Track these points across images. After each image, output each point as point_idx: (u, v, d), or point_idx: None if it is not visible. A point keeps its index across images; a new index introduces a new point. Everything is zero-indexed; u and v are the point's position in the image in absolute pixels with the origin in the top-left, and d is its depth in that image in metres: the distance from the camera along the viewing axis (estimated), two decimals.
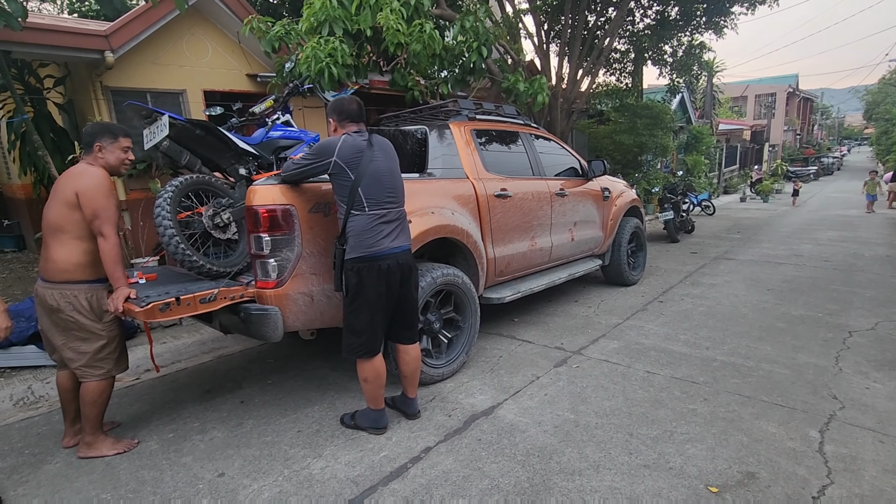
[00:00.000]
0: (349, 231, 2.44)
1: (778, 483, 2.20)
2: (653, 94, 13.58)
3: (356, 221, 2.43)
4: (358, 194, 2.42)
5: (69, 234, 2.36)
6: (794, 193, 15.58)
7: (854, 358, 3.54)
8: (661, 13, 10.31)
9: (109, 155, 2.46)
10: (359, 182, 2.41)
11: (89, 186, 2.32)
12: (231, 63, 6.01)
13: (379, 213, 2.45)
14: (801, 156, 33.65)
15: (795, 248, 7.83)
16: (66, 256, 2.36)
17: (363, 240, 2.42)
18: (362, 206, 2.43)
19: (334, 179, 2.46)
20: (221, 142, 3.07)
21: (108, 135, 2.46)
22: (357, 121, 2.57)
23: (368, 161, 2.45)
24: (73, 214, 2.34)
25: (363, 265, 2.42)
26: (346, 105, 2.56)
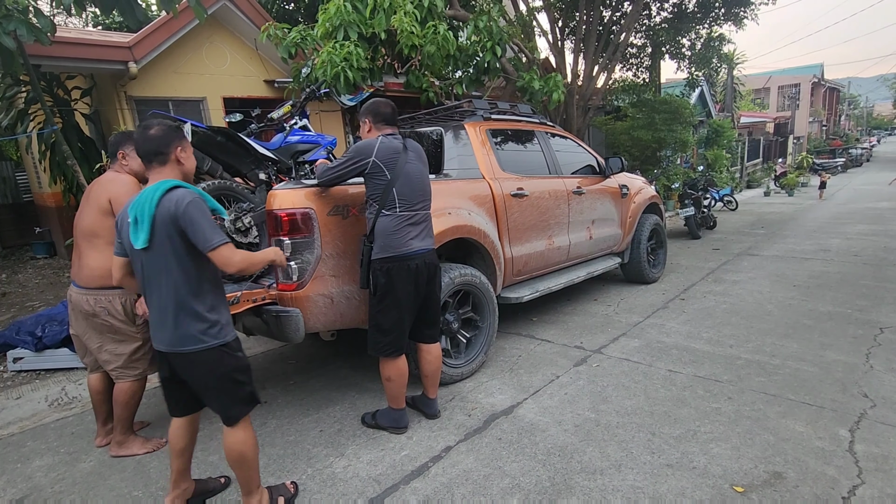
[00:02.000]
0: (378, 231, 2.48)
1: (806, 483, 2.15)
2: (671, 89, 13.36)
3: (385, 221, 2.47)
4: (392, 194, 2.46)
5: (103, 240, 2.44)
6: (821, 186, 15.13)
7: (885, 355, 3.43)
8: (678, 6, 10.14)
9: (133, 161, 2.54)
10: (394, 182, 2.46)
11: (121, 192, 2.41)
12: (249, 70, 6.12)
13: (408, 214, 2.50)
14: (827, 147, 32.64)
15: (823, 243, 7.62)
16: (100, 262, 2.44)
17: (392, 240, 2.47)
18: (394, 206, 2.47)
19: (370, 179, 2.49)
20: (242, 148, 3.14)
21: (131, 142, 2.53)
22: (392, 124, 2.63)
23: (403, 163, 2.50)
24: (107, 220, 2.42)
25: (393, 265, 2.46)
26: (381, 108, 2.61)
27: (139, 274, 1.89)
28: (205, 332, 1.85)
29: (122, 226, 1.90)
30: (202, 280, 1.87)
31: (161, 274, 1.83)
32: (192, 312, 1.84)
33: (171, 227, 1.78)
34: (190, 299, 1.84)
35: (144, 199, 1.80)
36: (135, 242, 1.81)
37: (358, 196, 2.79)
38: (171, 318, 1.83)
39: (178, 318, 1.83)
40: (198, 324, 1.84)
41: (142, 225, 1.79)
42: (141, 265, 1.86)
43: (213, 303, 1.89)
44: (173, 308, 1.82)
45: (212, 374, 1.88)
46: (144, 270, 1.86)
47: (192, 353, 1.85)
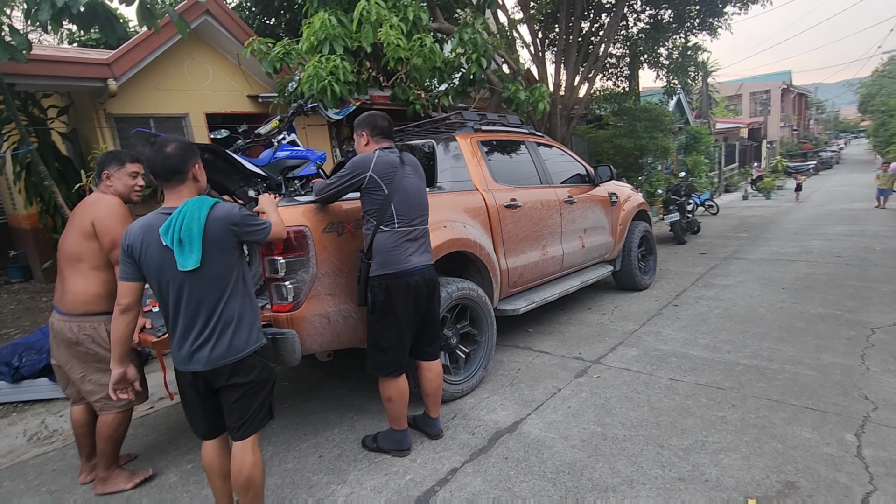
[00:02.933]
0: (376, 247, 2.42)
1: (820, 492, 2.13)
2: (649, 97, 13.61)
3: (383, 238, 2.41)
4: (390, 209, 2.40)
5: (87, 264, 2.33)
6: (797, 189, 15.55)
7: (880, 356, 3.47)
8: (654, 17, 10.37)
9: (117, 182, 2.44)
10: (392, 197, 2.40)
11: (105, 215, 2.30)
12: (232, 85, 6.02)
13: (406, 230, 2.44)
14: (799, 151, 33.64)
15: (805, 245, 7.77)
16: (84, 287, 2.33)
17: (391, 256, 2.40)
18: (392, 222, 2.41)
19: (367, 194, 2.43)
20: (229, 164, 3.05)
21: (115, 162, 2.44)
22: (389, 137, 2.58)
23: (401, 178, 2.44)
24: (90, 244, 2.31)
25: (392, 282, 2.39)
26: (379, 121, 2.56)
27: (173, 297, 1.80)
28: (256, 338, 1.94)
29: (140, 250, 1.80)
30: (250, 286, 1.96)
31: (214, 291, 1.81)
32: (249, 319, 1.91)
33: (230, 239, 1.83)
34: (249, 307, 1.92)
35: (191, 219, 1.76)
36: (184, 264, 1.75)
37: (353, 212, 2.72)
38: (230, 332, 1.83)
39: (238, 329, 1.86)
40: (251, 330, 1.91)
41: (192, 245, 1.75)
42: (180, 288, 1.79)
43: (254, 305, 1.97)
44: (234, 321, 1.84)
45: (258, 376, 1.91)
46: (186, 293, 1.79)
47: (246, 358, 1.87)
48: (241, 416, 1.90)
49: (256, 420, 1.94)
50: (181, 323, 1.82)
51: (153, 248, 1.78)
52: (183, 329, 1.82)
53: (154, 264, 1.78)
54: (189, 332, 1.82)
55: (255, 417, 1.93)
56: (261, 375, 1.93)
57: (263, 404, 1.96)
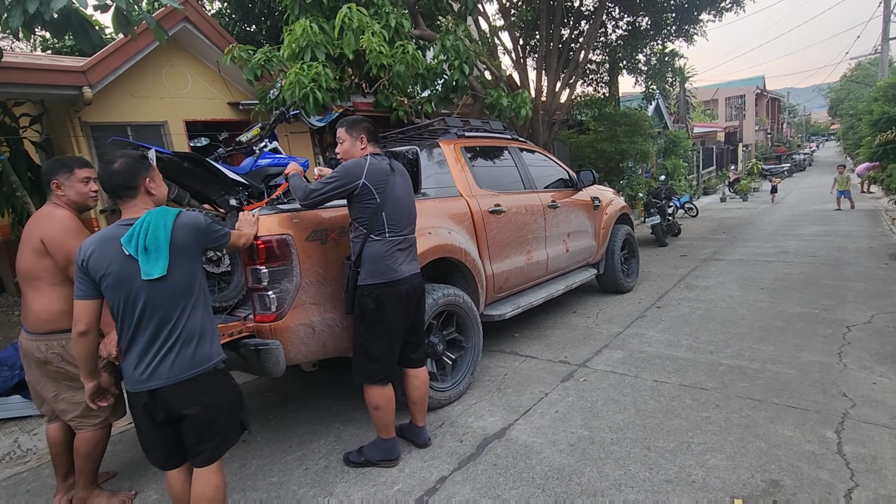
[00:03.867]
0: (366, 256, 2.39)
1: (803, 490, 2.16)
2: (628, 102, 13.84)
3: (374, 247, 2.38)
4: (381, 218, 2.38)
5: (45, 282, 2.24)
6: (773, 190, 15.91)
7: (856, 353, 3.55)
8: (632, 24, 10.57)
9: (69, 190, 2.30)
10: (384, 206, 2.38)
11: (55, 232, 2.19)
12: (212, 92, 5.94)
13: (397, 239, 2.43)
14: (773, 154, 34.52)
15: (781, 245, 7.95)
16: (46, 306, 2.24)
17: (382, 266, 2.38)
18: (383, 231, 2.39)
19: (357, 202, 2.39)
20: (210, 173, 3.00)
21: (63, 169, 2.30)
22: (377, 142, 2.55)
23: (392, 186, 2.42)
24: (44, 261, 2.21)
25: (382, 291, 2.37)
26: (365, 125, 2.53)
27: (133, 310, 1.73)
28: (218, 351, 1.88)
29: (98, 264, 1.72)
30: (207, 297, 1.90)
31: (179, 301, 1.77)
32: (210, 333, 1.86)
33: (195, 247, 1.83)
34: (209, 320, 1.87)
35: (157, 227, 1.73)
36: (149, 272, 1.70)
37: (337, 220, 2.70)
38: (193, 343, 1.79)
39: (202, 341, 1.81)
40: (213, 343, 1.87)
41: (158, 252, 1.72)
42: (142, 299, 1.72)
43: (213, 319, 1.93)
44: (198, 332, 1.80)
45: (221, 395, 1.85)
46: (149, 304, 1.72)
47: (208, 373, 1.80)
48: (205, 439, 1.81)
49: (223, 443, 1.87)
50: (142, 337, 1.74)
51: (113, 260, 1.71)
52: (144, 343, 1.74)
53: (114, 276, 1.71)
54: (151, 346, 1.74)
55: (221, 439, 1.85)
56: (225, 391, 1.86)
57: (230, 424, 1.88)
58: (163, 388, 1.73)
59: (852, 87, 41.75)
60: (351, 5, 4.22)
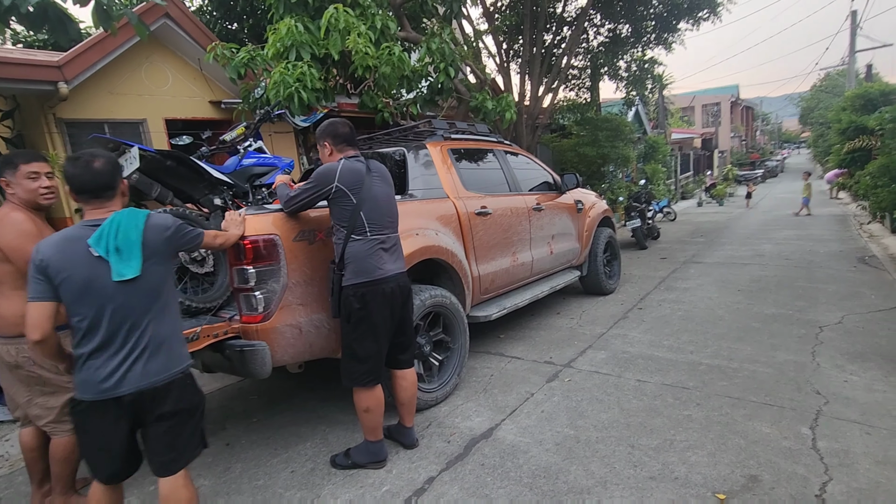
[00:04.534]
0: (348, 256, 2.38)
1: (781, 484, 2.23)
2: (609, 108, 14.07)
3: (356, 246, 2.38)
4: (360, 218, 2.38)
5: (7, 286, 2.16)
6: (748, 196, 16.35)
7: (828, 352, 3.68)
8: (612, 31, 10.76)
9: (17, 188, 2.19)
10: (361, 206, 2.38)
11: (9, 237, 2.11)
12: (193, 90, 5.84)
13: (379, 237, 2.43)
14: (748, 160, 35.51)
15: (757, 249, 8.18)
16: (13, 310, 2.14)
17: (366, 264, 2.38)
18: (364, 230, 2.39)
19: (334, 204, 2.41)
20: (195, 172, 2.95)
21: (8, 167, 2.19)
22: (353, 144, 2.55)
23: (369, 186, 2.42)
24: (3, 266, 2.14)
25: (368, 290, 2.37)
26: (339, 129, 2.53)
27: (101, 314, 1.66)
28: (187, 356, 1.88)
29: (60, 265, 1.64)
30: (175, 300, 1.90)
31: (150, 304, 1.74)
32: (179, 336, 1.87)
33: (166, 249, 1.80)
34: (177, 323, 1.87)
35: (128, 227, 1.70)
36: (122, 273, 1.66)
37: (324, 220, 2.68)
38: (165, 347, 1.76)
39: (172, 345, 1.79)
40: (182, 347, 1.87)
41: (131, 253, 1.68)
42: (112, 302, 1.67)
43: (180, 323, 1.93)
44: (169, 336, 1.79)
45: (191, 399, 1.82)
46: (120, 307, 1.68)
47: (178, 378, 1.78)
48: (173, 446, 1.76)
49: (189, 450, 1.82)
50: (111, 341, 1.67)
51: (79, 262, 1.65)
52: (114, 348, 1.68)
53: (80, 278, 1.64)
54: (120, 351, 1.68)
55: (187, 447, 1.81)
56: (194, 399, 1.83)
57: (195, 432, 1.84)
58: (132, 394, 1.68)
59: (822, 97, 43.22)
60: (337, 6, 4.20)
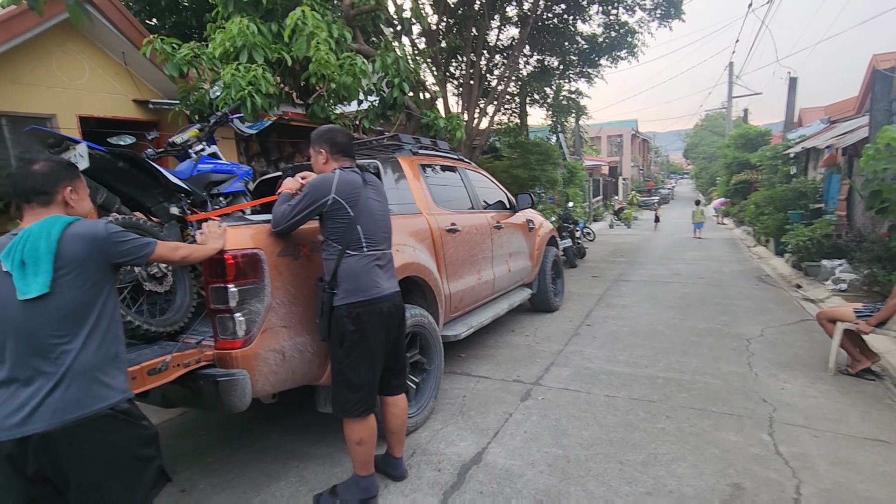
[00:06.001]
0: (342, 274, 2.19)
1: (762, 491, 2.37)
2: (534, 133, 14.83)
3: (351, 263, 2.20)
4: (357, 232, 2.20)
5: None
6: (656, 220, 17.95)
7: (761, 363, 4.06)
8: (541, 62, 11.42)
9: None
10: (358, 219, 2.21)
11: None
12: (114, 86, 5.21)
13: (375, 254, 2.27)
14: (645, 188, 39.22)
15: (673, 268, 8.94)
16: None
17: (361, 283, 2.19)
18: (360, 245, 2.21)
19: (329, 218, 2.22)
20: (149, 176, 2.59)
21: None
22: (349, 155, 2.38)
23: (366, 199, 2.26)
24: None
25: (363, 310, 2.18)
26: (338, 137, 2.35)
27: (6, 337, 1.41)
28: (124, 389, 1.56)
29: None
30: (114, 324, 1.57)
31: (67, 328, 1.45)
32: (114, 368, 1.54)
33: (96, 263, 1.51)
34: (115, 350, 1.56)
35: (37, 237, 1.44)
36: (25, 290, 1.40)
37: (308, 234, 2.47)
38: (86, 381, 1.45)
39: (96, 379, 1.48)
40: (116, 380, 1.54)
41: (37, 267, 1.41)
42: (17, 324, 1.40)
43: (121, 351, 1.60)
44: (93, 368, 1.47)
45: (118, 445, 1.50)
46: (25, 330, 1.40)
47: (100, 418, 1.46)
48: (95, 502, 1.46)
49: (139, 497, 1.54)
50: (16, 371, 1.41)
51: None
52: (22, 379, 1.41)
53: None
54: (29, 383, 1.40)
55: (135, 494, 1.52)
56: (123, 440, 1.51)
57: (132, 480, 1.52)
58: (39, 435, 1.39)
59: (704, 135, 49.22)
60: (304, 8, 3.99)
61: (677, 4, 9.47)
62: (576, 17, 10.53)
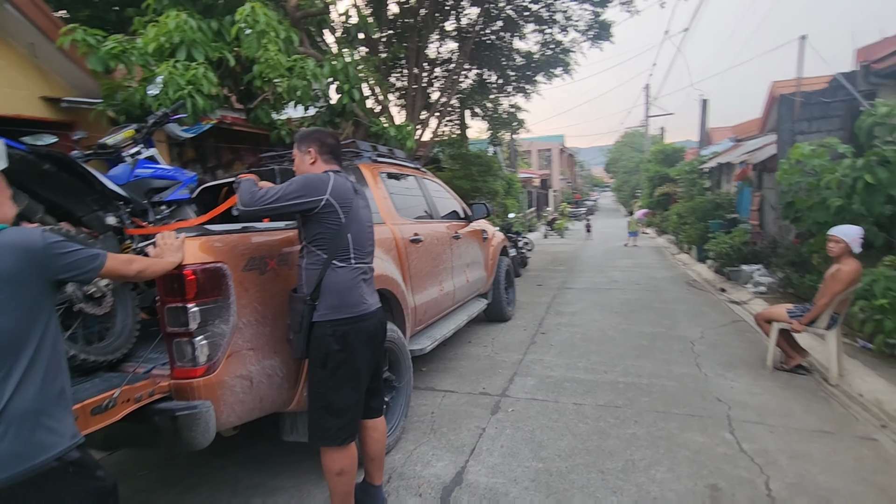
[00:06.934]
0: (327, 286, 2.00)
1: (736, 489, 2.45)
2: (474, 145, 15.07)
3: (339, 275, 2.01)
4: (346, 241, 2.03)
5: None
6: (588, 229, 18.81)
7: (707, 363, 4.28)
8: (480, 76, 11.65)
9: None
10: (349, 227, 2.03)
11: None
12: (17, 81, 4.56)
13: (362, 266, 2.11)
14: (573, 199, 41.22)
15: (610, 276, 9.34)
16: None
17: (348, 298, 2.02)
18: (348, 256, 2.04)
19: (317, 221, 2.01)
20: (82, 181, 2.24)
21: None
22: (339, 159, 2.20)
23: (357, 207, 2.10)
24: None
25: (349, 328, 2.00)
26: (328, 139, 2.17)
27: None
28: (73, 433, 1.32)
29: None
30: (56, 355, 1.32)
31: None
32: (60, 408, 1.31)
33: (32, 281, 1.27)
34: (57, 389, 1.31)
35: None
36: None
37: (276, 245, 2.25)
38: (24, 428, 1.21)
39: (39, 422, 1.24)
40: (63, 423, 1.30)
41: None
42: None
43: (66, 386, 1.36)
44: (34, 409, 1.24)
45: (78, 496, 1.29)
46: None
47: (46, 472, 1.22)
48: None
49: None
50: None
51: None
52: None
53: None
54: None
55: None
56: (85, 498, 1.31)
57: None
58: None
59: (624, 151, 52.72)
60: (255, 4, 3.71)
61: (607, 27, 10.05)
62: (512, 35, 10.88)
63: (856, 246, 3.75)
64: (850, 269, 3.71)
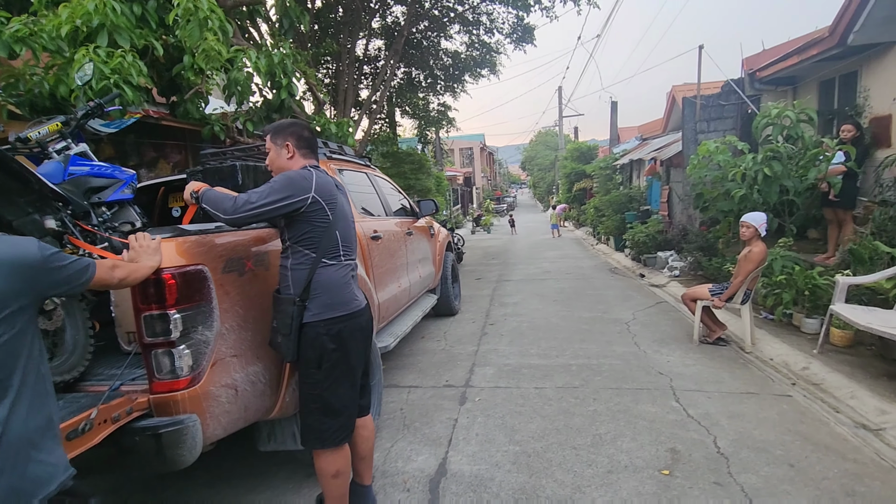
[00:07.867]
0: (318, 285, 1.93)
1: (693, 451, 2.72)
2: (403, 143, 15.04)
3: (330, 273, 1.95)
4: (335, 239, 1.97)
5: None
6: (512, 224, 19.50)
7: (644, 342, 4.67)
8: (408, 74, 11.66)
9: None
10: (337, 224, 1.97)
11: None
12: None
13: (351, 263, 2.06)
14: (494, 196, 42.53)
15: (541, 267, 9.80)
16: None
17: (340, 296, 1.96)
18: (337, 253, 1.98)
19: (304, 220, 1.93)
20: (14, 179, 1.96)
21: None
22: (316, 154, 2.10)
23: (342, 203, 2.04)
24: None
25: (344, 326, 1.95)
26: (304, 132, 2.07)
27: None
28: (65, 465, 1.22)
29: None
30: (41, 380, 1.20)
31: None
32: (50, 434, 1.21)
33: (17, 297, 1.12)
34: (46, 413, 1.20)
35: None
36: None
37: (250, 244, 2.14)
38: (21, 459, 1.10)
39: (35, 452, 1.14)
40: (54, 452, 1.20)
41: None
42: None
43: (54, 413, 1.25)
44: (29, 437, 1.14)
45: None
46: None
47: None
48: None
49: None
50: None
51: None
52: None
53: None
54: None
55: None
56: None
57: None
58: None
59: (539, 149, 55.28)
60: None
61: (531, 30, 10.50)
62: (439, 35, 11.01)
63: (762, 230, 4.29)
64: (759, 251, 4.24)
